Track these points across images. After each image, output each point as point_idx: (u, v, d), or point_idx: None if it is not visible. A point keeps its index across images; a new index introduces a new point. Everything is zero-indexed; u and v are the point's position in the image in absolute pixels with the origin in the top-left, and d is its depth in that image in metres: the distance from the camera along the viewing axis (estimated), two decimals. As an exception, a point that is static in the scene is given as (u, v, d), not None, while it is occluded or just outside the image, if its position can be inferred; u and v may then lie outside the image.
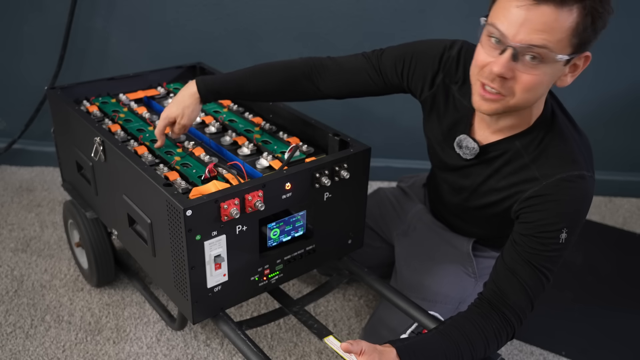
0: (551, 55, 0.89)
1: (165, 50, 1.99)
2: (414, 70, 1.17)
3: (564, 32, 0.88)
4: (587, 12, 0.87)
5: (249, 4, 1.92)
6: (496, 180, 1.09)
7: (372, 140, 1.41)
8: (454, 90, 1.14)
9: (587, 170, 1.00)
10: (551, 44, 0.88)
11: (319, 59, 1.25)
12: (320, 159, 1.16)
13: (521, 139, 1.05)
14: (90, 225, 1.49)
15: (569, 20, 0.87)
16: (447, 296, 1.29)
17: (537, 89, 0.95)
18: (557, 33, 0.87)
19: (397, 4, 1.89)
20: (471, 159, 1.12)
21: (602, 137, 2.10)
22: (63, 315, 1.51)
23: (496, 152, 1.09)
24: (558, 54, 0.89)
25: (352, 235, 1.29)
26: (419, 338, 1.00)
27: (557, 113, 1.06)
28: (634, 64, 1.99)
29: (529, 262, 1.00)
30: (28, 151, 2.18)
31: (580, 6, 0.86)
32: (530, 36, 0.88)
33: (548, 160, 1.02)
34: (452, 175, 1.20)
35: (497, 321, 1.02)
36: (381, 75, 1.20)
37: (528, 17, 0.87)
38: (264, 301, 1.59)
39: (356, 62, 1.23)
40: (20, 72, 2.06)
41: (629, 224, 2.06)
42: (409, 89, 1.21)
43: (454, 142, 1.14)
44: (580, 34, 0.88)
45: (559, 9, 0.86)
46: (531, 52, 0.89)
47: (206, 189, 1.06)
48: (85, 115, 1.33)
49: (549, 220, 0.98)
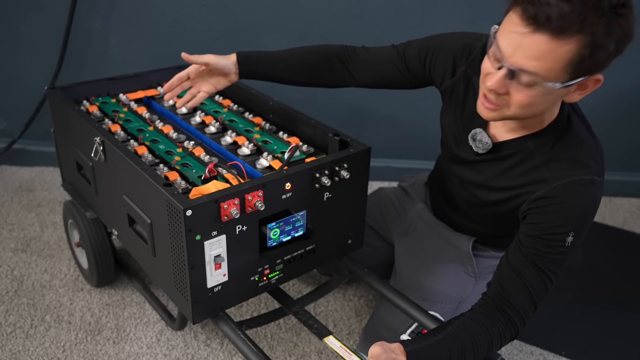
0: (541, 82, 0.89)
1: (165, 50, 1.99)
2: (437, 59, 1.19)
3: (558, 62, 0.86)
4: (587, 44, 0.84)
5: (249, 4, 1.92)
6: (506, 179, 1.09)
7: (372, 140, 1.41)
8: (475, 82, 1.13)
9: (598, 176, 1.00)
10: (543, 72, 0.87)
11: (352, 47, 1.29)
12: (320, 159, 1.16)
13: (534, 140, 1.05)
14: (90, 225, 1.49)
15: (564, 51, 0.85)
16: (446, 296, 1.28)
17: (532, 106, 0.95)
18: (550, 62, 0.86)
19: (397, 4, 1.89)
20: (483, 154, 1.12)
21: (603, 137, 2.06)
22: (63, 315, 1.51)
23: (508, 151, 1.09)
24: (549, 82, 0.89)
25: (352, 235, 1.29)
26: (430, 342, 0.98)
27: (573, 118, 1.05)
28: (635, 64, 1.99)
29: (534, 263, 1.00)
30: (28, 151, 2.18)
31: (579, 38, 0.84)
32: (522, 61, 0.88)
33: (560, 163, 1.01)
34: (462, 169, 1.20)
35: (503, 323, 1.02)
36: (406, 65, 1.23)
37: (523, 42, 0.87)
38: (264, 301, 1.59)
39: (385, 52, 1.26)
40: (20, 72, 2.06)
41: (629, 224, 2.06)
42: (430, 79, 1.22)
43: (469, 134, 1.14)
44: (577, 64, 0.86)
45: (555, 39, 0.84)
46: (523, 75, 0.89)
47: (206, 189, 1.06)
48: (85, 115, 1.33)
49: (556, 223, 0.98)
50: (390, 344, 0.94)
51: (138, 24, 1.97)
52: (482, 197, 1.16)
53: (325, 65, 1.29)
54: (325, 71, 1.30)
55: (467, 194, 1.21)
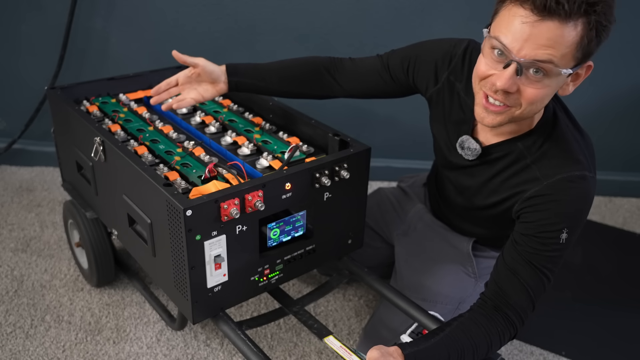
0: (555, 69, 0.89)
1: (165, 50, 1.98)
2: (420, 67, 1.19)
3: (569, 47, 0.88)
4: (592, 26, 0.87)
5: (249, 4, 1.92)
6: (499, 181, 1.10)
7: (372, 140, 1.41)
8: (458, 89, 1.14)
9: (589, 171, 1.00)
10: (556, 59, 0.88)
11: (339, 58, 1.31)
12: (320, 159, 1.16)
13: (523, 141, 1.06)
14: (90, 225, 1.48)
15: (573, 35, 0.87)
16: (447, 296, 1.28)
17: (542, 100, 0.95)
18: (562, 48, 0.87)
19: (397, 4, 1.89)
20: (474, 159, 1.12)
21: (603, 137, 2.10)
22: (63, 315, 1.51)
23: (499, 154, 1.09)
24: (562, 68, 0.90)
25: (352, 235, 1.29)
26: (428, 344, 0.98)
27: (559, 115, 1.06)
28: (635, 64, 1.99)
29: (529, 262, 1.00)
30: (28, 151, 2.18)
31: (584, 21, 0.86)
32: (535, 51, 0.88)
33: (549, 161, 1.02)
34: (456, 174, 1.20)
35: (501, 323, 1.02)
36: (390, 74, 1.23)
37: (533, 32, 0.87)
38: (264, 301, 1.59)
39: (370, 62, 1.27)
40: (20, 72, 2.06)
41: (629, 224, 2.06)
42: (415, 86, 1.22)
43: (457, 143, 1.14)
44: (584, 47, 0.88)
45: (564, 25, 0.86)
46: (535, 66, 0.89)
47: (206, 189, 1.06)
48: (85, 115, 1.33)
49: (549, 220, 0.98)
50: (388, 348, 0.94)
51: (138, 24, 1.97)
52: (478, 202, 1.16)
53: (313, 77, 1.29)
54: (314, 82, 1.30)
55: (462, 198, 1.21)
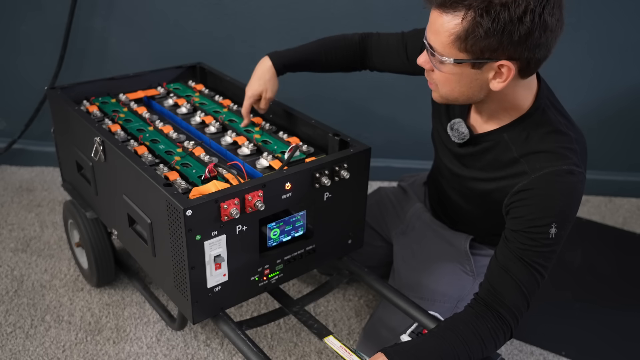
0: (438, 56, 0.97)
1: (165, 50, 2.00)
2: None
3: (447, 37, 0.94)
4: (470, 20, 0.91)
5: (249, 4, 1.92)
6: (490, 170, 1.11)
7: (372, 140, 1.41)
8: None
9: (577, 166, 1.00)
10: (436, 45, 0.97)
11: (369, 34, 1.37)
12: (320, 159, 1.16)
13: (508, 132, 1.07)
14: (90, 225, 1.49)
15: (452, 26, 0.93)
16: (445, 295, 1.29)
17: (451, 85, 1.01)
18: (442, 37, 0.95)
19: (397, 4, 1.89)
20: (465, 146, 1.14)
21: (602, 137, 2.10)
22: (63, 315, 1.51)
23: (487, 143, 1.11)
24: (443, 56, 0.96)
25: (352, 235, 1.29)
26: (411, 341, 1.01)
27: (548, 109, 1.06)
28: (635, 64, 1.99)
29: (521, 258, 1.00)
30: (28, 151, 2.18)
31: (462, 14, 0.91)
32: (429, 36, 0.98)
33: (537, 155, 1.02)
34: (450, 160, 1.22)
35: (492, 320, 1.01)
36: (407, 54, 1.27)
37: (431, 19, 0.97)
38: (264, 301, 1.59)
39: (391, 41, 1.32)
40: (20, 72, 2.06)
41: (629, 224, 2.06)
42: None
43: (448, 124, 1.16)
44: (465, 40, 0.92)
45: (443, 14, 0.94)
46: (430, 51, 0.98)
47: (206, 189, 1.06)
48: (85, 115, 1.33)
49: (537, 215, 0.98)
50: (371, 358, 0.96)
51: (138, 24, 1.97)
52: (470, 189, 1.18)
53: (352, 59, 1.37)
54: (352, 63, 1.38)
55: (457, 186, 1.23)
